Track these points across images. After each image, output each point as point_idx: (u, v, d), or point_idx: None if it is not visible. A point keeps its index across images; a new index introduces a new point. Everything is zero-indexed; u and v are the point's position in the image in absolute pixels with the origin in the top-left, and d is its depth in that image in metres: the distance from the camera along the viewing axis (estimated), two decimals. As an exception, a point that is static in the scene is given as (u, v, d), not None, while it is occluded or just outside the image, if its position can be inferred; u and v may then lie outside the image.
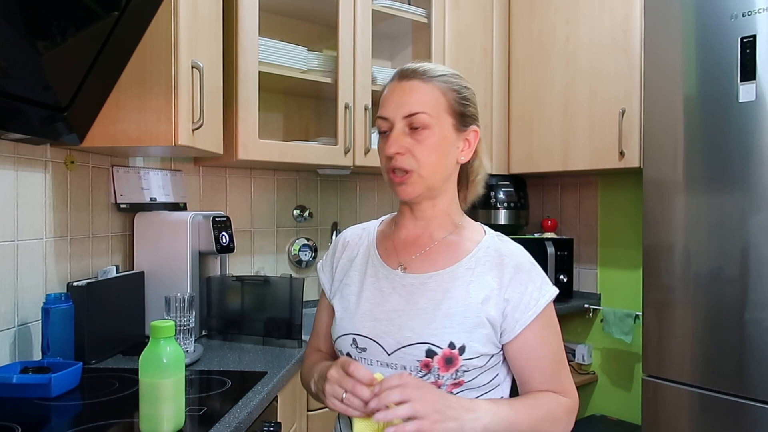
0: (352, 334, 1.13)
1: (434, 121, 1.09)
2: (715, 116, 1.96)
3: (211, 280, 2.07)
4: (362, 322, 1.13)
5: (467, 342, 1.05)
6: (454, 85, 1.12)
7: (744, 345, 1.88)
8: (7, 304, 1.55)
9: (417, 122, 1.09)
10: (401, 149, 1.09)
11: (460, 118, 1.12)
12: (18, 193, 1.60)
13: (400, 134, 1.09)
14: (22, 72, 1.36)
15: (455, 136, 1.12)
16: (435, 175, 1.11)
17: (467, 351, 1.05)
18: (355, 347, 1.13)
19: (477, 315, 1.07)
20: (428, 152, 1.09)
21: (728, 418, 1.92)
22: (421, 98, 1.10)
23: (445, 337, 1.05)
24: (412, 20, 2.63)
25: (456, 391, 1.07)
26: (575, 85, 2.65)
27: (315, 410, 1.93)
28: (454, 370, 1.05)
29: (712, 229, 1.96)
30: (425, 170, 1.09)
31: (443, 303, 1.09)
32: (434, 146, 1.09)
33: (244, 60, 2.08)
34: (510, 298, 1.08)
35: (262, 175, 2.52)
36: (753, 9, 1.86)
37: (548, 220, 3.00)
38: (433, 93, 1.10)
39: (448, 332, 1.06)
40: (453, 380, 1.06)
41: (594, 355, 2.94)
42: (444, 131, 1.10)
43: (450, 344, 1.05)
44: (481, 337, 1.07)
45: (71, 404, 1.40)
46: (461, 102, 1.12)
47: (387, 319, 1.11)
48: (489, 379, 1.11)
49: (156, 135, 1.67)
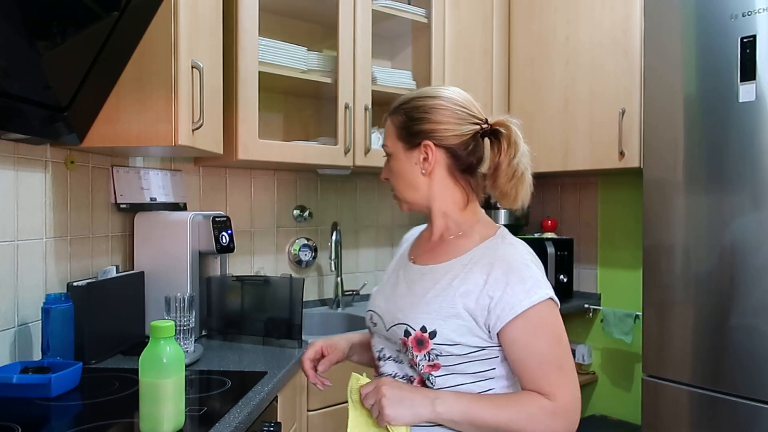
0: (371, 311, 1.34)
1: (392, 150, 1.29)
2: (715, 116, 1.96)
3: (211, 280, 2.07)
4: (376, 301, 1.33)
5: (439, 328, 1.16)
6: (402, 111, 1.27)
7: (744, 345, 1.88)
8: (7, 304, 1.55)
9: (385, 152, 1.32)
10: (385, 176, 1.33)
11: (407, 139, 1.26)
12: (18, 193, 1.60)
13: (384, 163, 1.34)
14: (22, 72, 1.36)
15: (406, 156, 1.26)
16: (405, 194, 1.30)
17: (438, 336, 1.16)
18: (371, 321, 1.33)
19: (453, 306, 1.16)
20: (394, 176, 1.30)
21: (728, 418, 1.92)
22: (385, 133, 1.32)
23: (419, 321, 1.18)
24: (412, 20, 2.63)
25: (435, 373, 1.18)
26: (575, 85, 2.66)
27: (315, 410, 1.93)
28: (425, 351, 1.17)
29: (712, 229, 1.96)
30: (398, 192, 1.31)
31: (429, 292, 1.21)
32: (396, 171, 1.29)
33: (244, 60, 2.08)
34: (493, 296, 1.14)
35: (262, 175, 2.52)
36: (753, 9, 1.86)
37: (548, 220, 3.00)
38: (389, 126, 1.30)
39: (423, 317, 1.18)
40: (428, 362, 1.18)
41: (594, 355, 2.94)
42: (399, 155, 1.28)
43: (422, 328, 1.17)
44: (456, 326, 1.16)
45: (71, 404, 1.40)
46: (407, 124, 1.25)
47: (391, 301, 1.28)
48: (480, 369, 1.18)
49: (156, 135, 1.67)
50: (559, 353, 1.16)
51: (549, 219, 3.01)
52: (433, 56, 2.63)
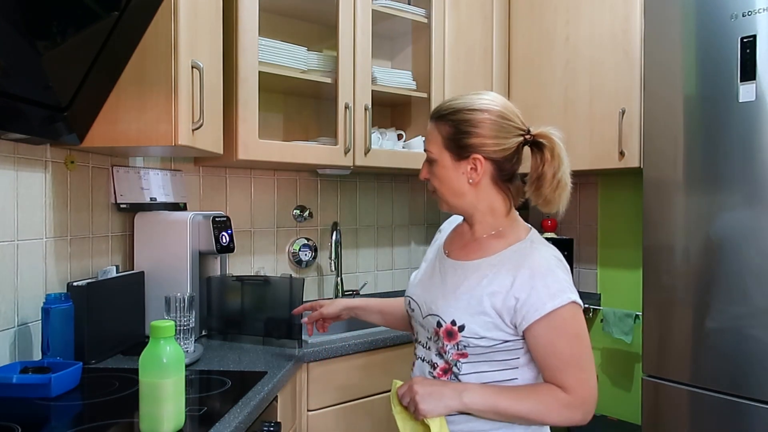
0: (408, 297, 1.45)
1: (437, 157, 1.33)
2: (715, 116, 1.96)
3: (211, 280, 2.07)
4: (414, 289, 1.44)
5: (467, 323, 1.26)
6: (451, 123, 1.31)
7: (744, 345, 1.88)
8: (7, 304, 1.55)
9: (428, 157, 1.36)
10: (426, 175, 1.37)
11: (456, 151, 1.31)
12: (18, 193, 1.60)
13: (424, 164, 1.38)
14: (22, 72, 1.36)
15: (454, 166, 1.31)
16: (448, 198, 1.35)
17: (466, 330, 1.26)
18: (409, 307, 1.44)
19: (480, 303, 1.26)
20: (437, 180, 1.35)
21: (728, 418, 1.92)
22: (429, 138, 1.36)
23: (450, 315, 1.29)
24: (412, 20, 2.63)
25: (463, 360, 1.29)
26: (575, 85, 2.65)
27: (315, 410, 1.93)
28: (455, 342, 1.28)
29: (713, 229, 1.96)
30: (439, 193, 1.36)
31: (460, 287, 1.31)
32: (440, 176, 1.34)
33: (244, 60, 2.08)
34: (519, 297, 1.23)
35: (262, 175, 2.52)
36: (753, 9, 1.86)
37: (548, 220, 3.00)
38: (434, 133, 1.34)
39: (453, 312, 1.28)
40: (456, 351, 1.29)
41: (594, 355, 2.93)
42: (445, 164, 1.32)
43: (452, 321, 1.28)
44: (483, 322, 1.25)
45: (71, 404, 1.40)
46: (456, 136, 1.30)
47: (427, 291, 1.39)
48: (505, 359, 1.28)
49: (156, 135, 1.67)
50: (579, 353, 1.24)
51: (549, 219, 3.01)
52: (433, 56, 2.63)
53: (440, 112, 1.33)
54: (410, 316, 1.45)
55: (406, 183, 2.96)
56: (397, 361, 2.10)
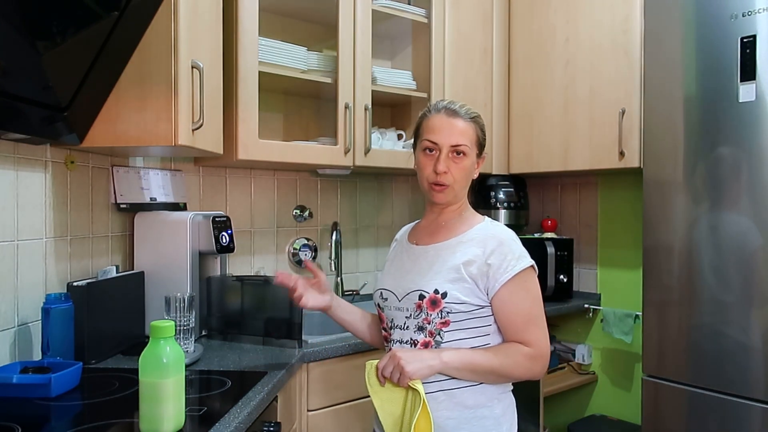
0: (380, 289, 1.55)
1: (469, 151, 1.48)
2: (715, 116, 1.96)
3: (211, 280, 2.07)
4: (385, 280, 1.56)
5: (449, 290, 1.41)
6: (480, 125, 1.52)
7: (744, 345, 1.88)
8: (7, 304, 1.55)
9: (460, 150, 1.47)
10: (446, 168, 1.46)
11: (480, 149, 1.52)
12: (18, 193, 1.60)
13: (446, 157, 1.46)
14: (22, 72, 1.36)
15: (474, 161, 1.51)
16: (462, 188, 1.51)
17: (448, 296, 1.40)
18: (381, 297, 1.54)
19: (458, 272, 1.42)
20: (461, 172, 1.48)
21: (728, 418, 1.92)
22: (465, 133, 1.48)
23: (432, 285, 1.42)
24: (412, 20, 2.63)
25: (445, 329, 1.42)
26: (575, 85, 2.65)
27: (315, 410, 1.93)
28: (438, 310, 1.41)
29: (712, 229, 1.96)
30: (457, 184, 1.48)
31: (435, 263, 1.46)
32: (465, 168, 1.48)
33: (244, 60, 2.08)
34: (492, 263, 1.41)
35: (262, 175, 2.52)
36: (753, 9, 1.86)
37: (548, 220, 3.00)
38: (471, 130, 1.49)
39: (435, 282, 1.43)
40: (440, 319, 1.42)
41: (594, 355, 2.94)
42: (471, 158, 1.49)
43: (435, 290, 1.42)
44: (462, 288, 1.41)
45: (71, 404, 1.40)
46: (482, 137, 1.52)
47: (400, 277, 1.52)
48: (478, 325, 1.44)
49: (156, 135, 1.67)
50: (538, 310, 1.45)
51: (549, 219, 3.01)
52: (433, 56, 2.63)
53: (469, 113, 1.50)
54: (381, 309, 1.54)
55: (406, 183, 2.96)
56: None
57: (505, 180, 2.94)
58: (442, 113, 1.49)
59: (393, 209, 2.93)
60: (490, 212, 2.91)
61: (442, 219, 1.54)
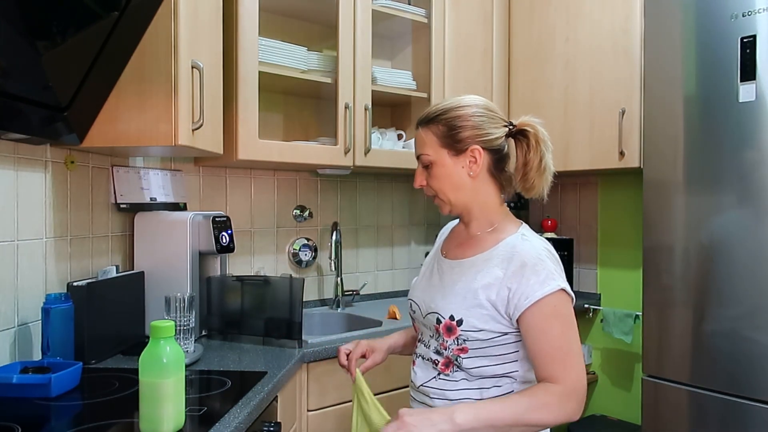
0: (410, 300, 1.49)
1: (434, 158, 1.36)
2: (715, 116, 1.96)
3: (211, 280, 2.07)
4: (415, 291, 1.49)
5: (465, 317, 1.30)
6: (443, 122, 1.36)
7: (744, 345, 1.88)
8: (7, 304, 1.55)
9: (424, 161, 1.38)
10: (422, 182, 1.40)
11: (453, 146, 1.35)
12: (18, 193, 1.60)
13: (419, 171, 1.40)
14: (22, 72, 1.36)
15: (454, 161, 1.35)
16: (451, 195, 1.37)
17: (465, 324, 1.30)
18: (411, 309, 1.48)
19: (476, 297, 1.30)
20: (437, 182, 1.37)
21: (728, 418, 1.92)
22: (422, 143, 1.38)
23: (448, 310, 1.32)
24: (412, 20, 2.63)
25: (463, 355, 1.31)
26: (575, 86, 2.65)
27: (315, 410, 1.93)
28: (454, 337, 1.31)
29: (713, 229, 1.96)
30: (442, 194, 1.38)
31: (456, 284, 1.35)
32: (439, 175, 1.36)
33: (244, 60, 2.08)
34: (511, 287, 1.27)
35: (262, 175, 2.52)
36: (753, 9, 1.86)
37: (548, 220, 3.00)
38: (428, 136, 1.37)
39: (451, 307, 1.32)
40: (457, 346, 1.32)
41: (594, 355, 2.94)
42: (444, 161, 1.36)
43: (450, 316, 1.32)
44: (480, 315, 1.29)
45: (71, 404, 1.40)
46: (451, 134, 1.35)
47: (426, 291, 1.43)
48: (503, 352, 1.31)
49: (156, 135, 1.67)
50: (568, 339, 1.27)
51: (549, 219, 3.01)
52: (433, 56, 2.63)
53: (429, 116, 1.38)
54: (413, 318, 1.49)
55: (406, 183, 2.96)
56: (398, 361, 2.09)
57: (505, 180, 2.93)
58: None
59: (393, 209, 2.93)
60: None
61: (472, 229, 1.41)
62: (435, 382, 1.36)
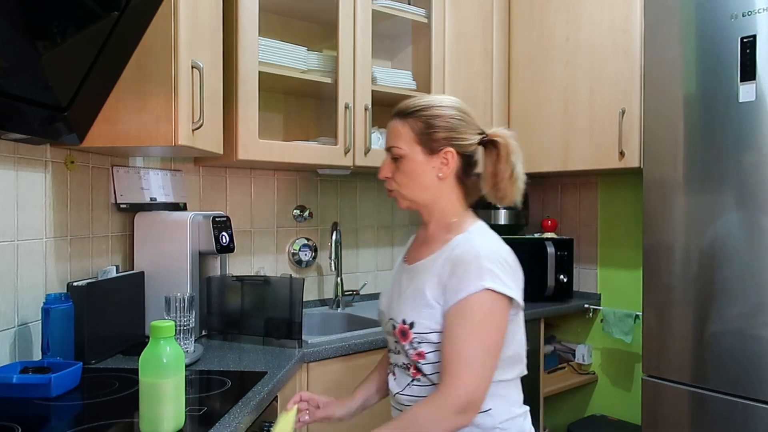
0: (379, 309, 1.48)
1: (406, 152, 1.34)
2: (715, 116, 1.96)
3: (211, 280, 2.07)
4: (382, 300, 1.48)
5: (416, 319, 1.29)
6: (422, 118, 1.34)
7: (744, 345, 1.88)
8: (7, 304, 1.55)
9: (395, 153, 1.36)
10: (388, 174, 1.38)
11: (428, 145, 1.34)
12: (18, 193, 1.60)
13: (386, 163, 1.39)
14: (22, 72, 1.36)
15: (426, 160, 1.34)
16: (414, 193, 1.37)
17: (416, 326, 1.29)
18: (380, 318, 1.47)
19: (423, 297, 1.29)
20: (403, 176, 1.36)
21: (728, 418, 1.92)
22: (396, 134, 1.36)
23: (401, 315, 1.32)
24: (412, 20, 2.63)
25: (422, 361, 1.30)
26: (575, 85, 2.65)
27: (315, 410, 1.93)
28: (409, 341, 1.30)
29: (713, 228, 1.96)
30: (404, 189, 1.37)
31: (408, 288, 1.35)
32: (409, 171, 1.35)
33: (244, 60, 2.08)
34: (447, 285, 1.26)
35: (262, 175, 2.52)
36: (753, 9, 1.86)
37: (548, 220, 3.00)
38: (404, 129, 1.35)
39: (403, 311, 1.32)
40: (414, 350, 1.30)
41: (594, 355, 2.94)
42: (415, 158, 1.34)
43: (403, 320, 1.31)
44: (429, 314, 1.28)
45: (71, 404, 1.40)
46: (427, 132, 1.33)
47: (387, 299, 1.44)
48: None
49: (156, 135, 1.67)
50: (471, 345, 1.21)
51: (549, 219, 3.01)
52: (433, 56, 2.63)
53: (407, 109, 1.36)
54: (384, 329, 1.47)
55: (406, 183, 2.96)
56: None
57: (505, 180, 2.93)
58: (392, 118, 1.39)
59: (393, 209, 2.93)
60: (490, 212, 2.92)
61: (430, 230, 1.40)
62: (410, 389, 1.35)
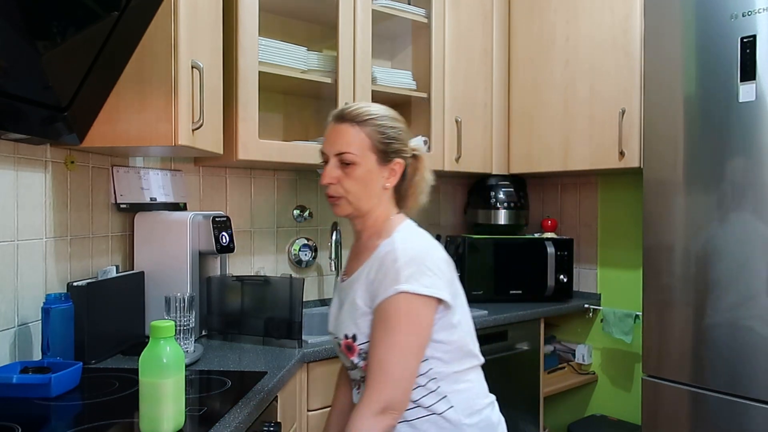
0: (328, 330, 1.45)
1: (359, 158, 1.32)
2: (715, 116, 1.96)
3: (211, 280, 2.07)
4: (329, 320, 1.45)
5: (357, 330, 1.29)
6: (379, 127, 1.33)
7: (744, 345, 1.88)
8: (7, 304, 1.55)
9: (345, 159, 1.32)
10: (333, 180, 1.33)
11: (382, 155, 1.33)
12: (18, 193, 1.60)
13: (333, 167, 1.33)
14: (22, 72, 1.35)
15: (378, 169, 1.34)
16: (360, 200, 1.34)
17: (359, 337, 1.28)
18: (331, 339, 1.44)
19: (359, 306, 1.29)
20: (353, 182, 1.32)
21: (728, 418, 1.92)
22: (350, 140, 1.32)
23: (342, 330, 1.32)
24: (412, 20, 2.63)
25: None
26: (575, 85, 2.66)
27: (315, 410, 1.93)
28: (356, 354, 1.29)
29: (713, 228, 1.96)
30: (351, 196, 1.33)
31: (345, 301, 1.35)
32: (359, 178, 1.32)
33: (244, 60, 2.08)
34: (375, 290, 1.26)
35: (262, 175, 2.52)
36: (753, 9, 1.86)
37: (548, 220, 3.00)
38: (359, 135, 1.32)
39: (344, 325, 1.32)
40: (364, 362, 1.29)
41: (594, 355, 2.94)
42: (368, 165, 1.32)
43: (345, 335, 1.31)
44: (368, 322, 1.27)
45: (71, 404, 1.40)
46: (384, 141, 1.33)
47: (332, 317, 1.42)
48: None
49: (156, 135, 1.67)
50: (388, 346, 1.22)
51: (549, 219, 3.01)
52: (433, 56, 2.63)
53: (359, 116, 1.33)
54: None
55: (406, 183, 2.96)
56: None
57: (505, 180, 2.94)
58: (332, 120, 1.36)
59: (393, 209, 2.93)
60: (490, 212, 2.92)
61: (362, 240, 1.39)
62: None
